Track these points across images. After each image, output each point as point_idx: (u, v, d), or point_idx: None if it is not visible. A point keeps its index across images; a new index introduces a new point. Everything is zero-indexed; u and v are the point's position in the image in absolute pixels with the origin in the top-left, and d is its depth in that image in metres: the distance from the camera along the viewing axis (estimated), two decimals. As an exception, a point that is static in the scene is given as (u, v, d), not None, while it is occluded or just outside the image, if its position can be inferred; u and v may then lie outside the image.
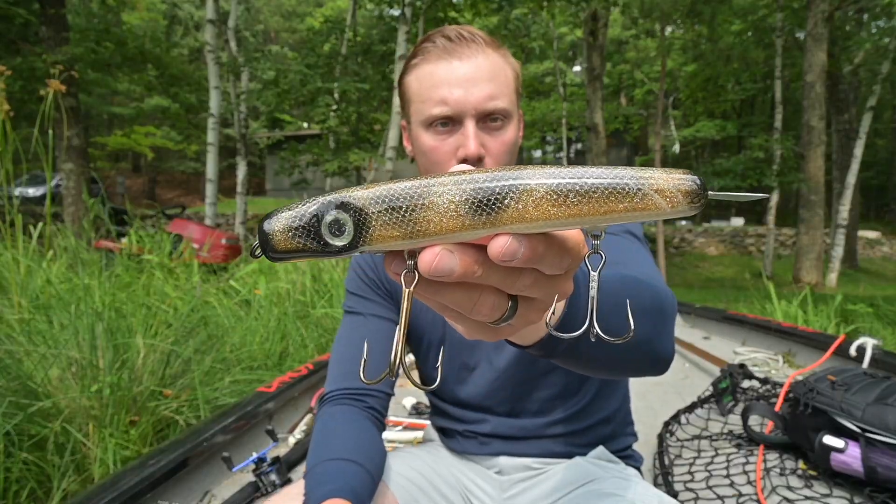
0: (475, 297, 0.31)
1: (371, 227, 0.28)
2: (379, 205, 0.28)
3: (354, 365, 0.90)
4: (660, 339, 0.58)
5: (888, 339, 3.36)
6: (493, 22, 13.74)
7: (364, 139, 10.67)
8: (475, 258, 0.29)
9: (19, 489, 1.42)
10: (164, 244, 4.03)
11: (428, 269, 0.28)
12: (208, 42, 8.38)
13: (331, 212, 0.28)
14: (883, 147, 23.14)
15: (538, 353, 0.47)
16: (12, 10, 8.09)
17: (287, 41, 26.99)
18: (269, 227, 0.29)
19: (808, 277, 10.15)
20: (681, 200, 0.28)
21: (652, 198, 0.27)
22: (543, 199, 0.27)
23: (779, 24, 12.29)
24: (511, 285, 0.31)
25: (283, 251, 0.29)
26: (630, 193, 0.27)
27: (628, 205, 0.27)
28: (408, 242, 0.28)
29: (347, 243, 0.28)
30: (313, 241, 0.28)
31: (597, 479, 0.84)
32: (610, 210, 0.27)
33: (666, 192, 0.28)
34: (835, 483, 1.26)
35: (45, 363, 1.70)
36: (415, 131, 0.86)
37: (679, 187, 0.28)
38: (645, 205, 0.27)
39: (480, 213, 0.27)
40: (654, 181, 0.27)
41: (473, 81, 0.79)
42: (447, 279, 0.28)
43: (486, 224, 0.27)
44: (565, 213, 0.27)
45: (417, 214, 0.27)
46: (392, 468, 0.88)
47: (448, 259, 0.28)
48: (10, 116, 2.46)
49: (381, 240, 0.28)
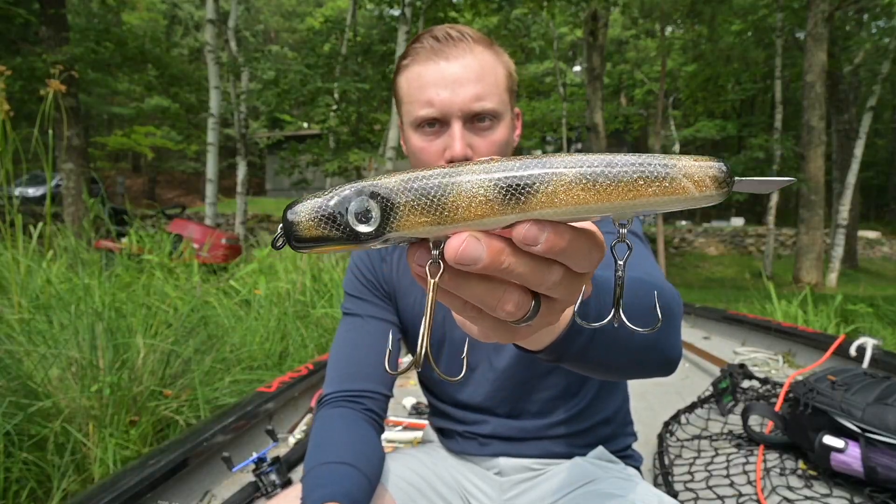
0: (500, 293, 0.30)
1: (398, 213, 0.27)
2: (407, 191, 0.27)
3: (353, 367, 0.90)
4: (668, 341, 0.58)
5: (888, 339, 3.36)
6: (493, 22, 13.74)
7: (364, 139, 10.67)
8: (503, 247, 0.28)
9: (19, 489, 1.42)
10: (164, 244, 4.03)
11: (454, 256, 0.27)
12: (208, 42, 8.38)
13: (357, 198, 0.28)
14: (883, 147, 23.14)
15: (547, 358, 0.47)
16: (12, 10, 8.09)
17: (287, 41, 26.99)
18: (294, 215, 0.28)
19: (808, 277, 10.15)
20: (709, 185, 0.28)
21: (681, 182, 0.27)
22: (573, 183, 0.27)
23: (779, 24, 12.29)
24: (539, 280, 0.30)
25: (308, 239, 0.28)
26: (659, 178, 0.27)
27: (657, 188, 0.27)
28: (435, 229, 0.28)
29: (374, 230, 0.28)
30: (339, 228, 0.28)
31: (597, 479, 0.84)
32: (639, 195, 0.27)
33: (695, 176, 0.28)
34: (835, 483, 1.26)
35: (45, 363, 1.70)
36: (406, 132, 0.86)
37: (707, 172, 0.28)
38: (674, 189, 0.27)
39: (510, 198, 0.27)
40: (683, 166, 0.28)
41: (460, 82, 0.79)
42: (473, 268, 0.28)
43: (516, 209, 0.27)
44: (595, 199, 0.27)
45: (445, 199, 0.27)
46: (390, 470, 0.87)
47: (475, 245, 0.27)
48: (10, 116, 2.46)
49: (408, 226, 0.28)
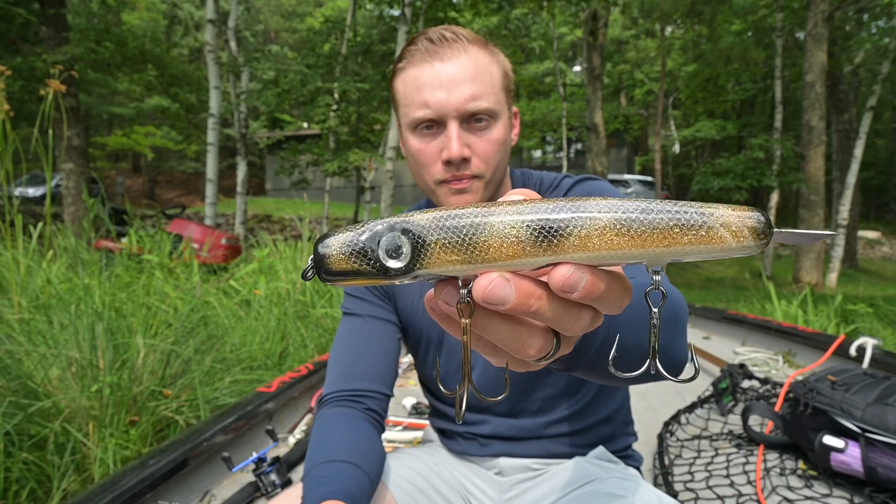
0: (524, 337, 0.30)
1: (429, 251, 0.27)
2: (438, 229, 0.27)
3: (353, 367, 0.90)
4: (676, 346, 0.58)
5: (888, 339, 3.36)
6: (493, 22, 13.74)
7: (364, 139, 10.66)
8: (532, 289, 0.28)
9: (19, 489, 1.42)
10: (164, 244, 4.03)
11: (482, 295, 0.27)
12: (208, 42, 8.38)
13: (389, 234, 0.28)
14: (883, 147, 23.13)
15: (559, 368, 0.47)
16: (12, 10, 8.09)
17: (287, 41, 26.99)
18: (325, 248, 0.29)
19: (808, 277, 10.15)
20: (747, 236, 0.27)
21: (718, 231, 0.27)
22: (607, 228, 0.27)
23: (779, 24, 12.28)
24: (568, 325, 0.29)
25: (338, 273, 0.29)
26: (695, 226, 0.27)
27: (693, 237, 0.27)
28: (465, 268, 0.28)
29: (404, 266, 0.28)
30: (370, 263, 0.28)
31: (597, 479, 0.84)
32: (674, 242, 0.27)
33: (732, 226, 0.27)
34: (835, 483, 1.26)
35: (45, 363, 1.70)
36: (404, 134, 0.87)
37: (746, 223, 0.27)
38: (711, 238, 0.27)
39: (542, 240, 0.27)
40: (721, 215, 0.27)
41: (455, 83, 0.79)
42: (501, 308, 0.28)
43: (548, 252, 0.27)
44: (629, 245, 0.27)
45: (477, 239, 0.27)
46: (391, 469, 0.87)
47: (504, 286, 0.27)
48: (10, 116, 2.46)
49: (439, 263, 0.28)
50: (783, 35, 12.41)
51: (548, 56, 21.11)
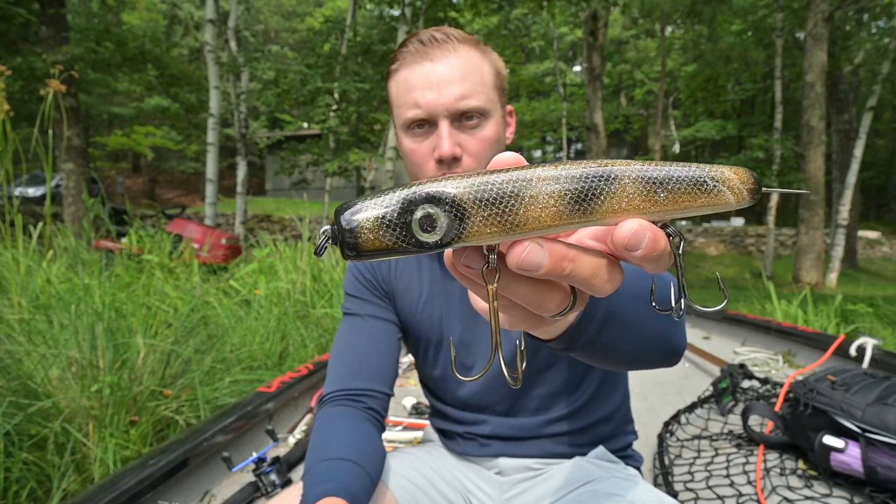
0: (545, 294, 0.31)
1: (469, 223, 0.26)
2: (478, 199, 0.26)
3: (353, 366, 0.90)
4: (674, 331, 0.59)
5: (888, 339, 3.36)
6: (493, 22, 13.74)
7: (364, 139, 10.66)
8: (565, 252, 0.28)
9: (19, 489, 1.42)
10: (164, 244, 4.03)
11: (517, 262, 0.27)
12: (208, 42, 8.38)
13: (422, 206, 0.26)
14: (883, 147, 23.14)
15: (559, 347, 0.48)
16: (12, 10, 8.09)
17: (287, 41, 26.99)
18: (352, 223, 0.26)
19: (808, 277, 10.15)
20: (745, 196, 0.30)
21: (725, 194, 0.29)
22: (636, 194, 0.28)
23: (779, 24, 12.29)
24: (601, 285, 0.30)
25: (368, 250, 0.26)
26: (708, 190, 0.29)
27: (705, 200, 0.29)
28: (501, 237, 0.27)
29: (439, 240, 0.26)
30: (401, 237, 0.26)
31: (597, 479, 0.84)
32: (691, 204, 0.29)
33: (734, 188, 0.29)
34: (835, 483, 1.26)
35: (45, 363, 1.70)
36: (398, 134, 0.88)
37: (744, 183, 0.30)
38: (718, 200, 0.29)
39: (578, 206, 0.27)
40: (726, 178, 0.29)
41: (445, 82, 0.80)
42: (534, 274, 0.28)
43: (582, 218, 0.28)
44: (653, 208, 0.28)
45: (518, 208, 0.26)
46: (392, 468, 0.88)
47: (538, 252, 0.27)
48: (10, 116, 2.46)
49: (476, 235, 0.27)
50: (783, 35, 12.41)
51: (548, 56, 21.12)
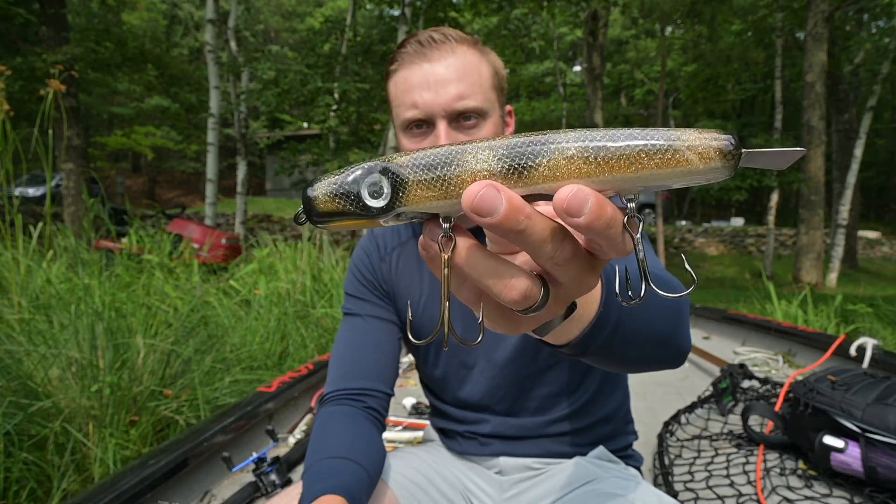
0: (507, 277, 0.30)
1: (407, 188, 0.29)
2: (415, 167, 0.29)
3: (354, 366, 0.90)
4: (680, 333, 0.59)
5: (888, 339, 3.36)
6: (493, 22, 13.74)
7: (364, 139, 10.67)
8: (523, 206, 0.27)
9: (19, 489, 1.42)
10: (164, 244, 4.03)
11: (471, 202, 0.27)
12: (208, 42, 8.38)
13: (370, 175, 0.30)
14: (883, 147, 23.13)
15: (571, 353, 0.48)
16: (12, 10, 8.09)
17: (287, 41, 26.98)
18: (313, 192, 0.31)
19: (808, 277, 10.15)
20: (713, 157, 0.27)
21: (684, 154, 0.27)
22: (575, 157, 0.27)
23: (779, 24, 12.29)
24: (551, 253, 0.29)
25: (325, 213, 0.31)
26: (661, 150, 0.27)
27: (659, 161, 0.27)
28: (442, 203, 0.29)
29: (385, 204, 0.30)
30: (353, 203, 0.30)
31: (597, 479, 0.84)
32: (642, 168, 0.27)
33: (698, 147, 0.27)
34: (835, 483, 1.26)
35: (45, 363, 1.70)
36: (397, 135, 0.88)
37: (712, 144, 0.27)
38: (677, 161, 0.27)
39: (513, 171, 0.28)
40: (686, 138, 0.27)
41: (442, 83, 0.80)
42: (489, 220, 0.27)
43: (518, 183, 0.28)
44: (597, 172, 0.27)
45: (451, 174, 0.29)
46: (392, 468, 0.88)
47: (494, 195, 0.26)
48: (10, 116, 2.46)
49: (416, 200, 0.29)
50: (783, 35, 12.42)
51: (548, 56, 21.12)
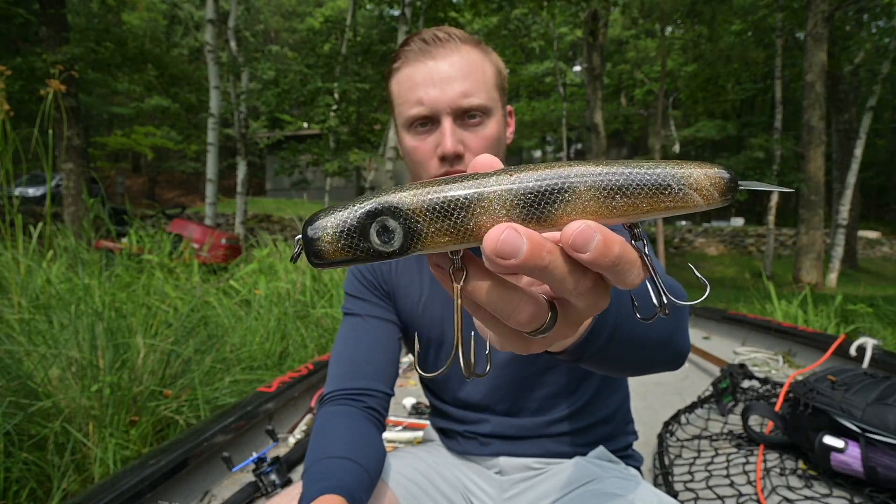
0: (515, 302, 0.30)
1: (422, 234, 0.27)
2: (430, 212, 0.27)
3: (354, 366, 0.90)
4: (679, 336, 0.60)
5: (888, 339, 3.36)
6: (493, 22, 13.73)
7: (364, 139, 10.67)
8: (544, 242, 0.27)
9: (19, 489, 1.42)
10: (164, 244, 4.03)
11: (493, 247, 0.26)
12: (208, 42, 8.38)
13: (379, 218, 0.27)
14: (883, 147, 23.12)
15: (567, 359, 0.48)
16: (12, 10, 8.09)
17: (287, 41, 26.98)
18: (316, 234, 0.28)
19: (808, 277, 10.15)
20: (716, 197, 0.29)
21: (691, 196, 0.28)
22: (591, 201, 0.27)
23: (779, 24, 12.29)
24: (573, 285, 0.29)
25: (330, 258, 0.28)
26: (672, 193, 0.28)
27: (670, 204, 0.28)
28: (456, 245, 0.28)
29: (398, 248, 0.28)
30: (363, 250, 0.28)
31: (597, 479, 0.84)
32: (652, 209, 0.28)
33: (703, 189, 0.28)
34: (835, 483, 1.26)
35: (45, 363, 1.70)
36: (400, 133, 0.88)
37: (714, 185, 0.29)
38: (685, 203, 0.28)
39: (531, 215, 0.27)
40: (694, 180, 0.28)
41: (448, 80, 0.80)
42: (512, 262, 0.26)
43: (538, 227, 0.28)
44: (610, 214, 0.28)
45: (469, 220, 0.27)
46: (393, 468, 0.88)
47: (515, 237, 0.26)
48: (10, 116, 2.46)
49: (432, 245, 0.28)
50: (783, 35, 12.42)
51: (548, 56, 21.11)
